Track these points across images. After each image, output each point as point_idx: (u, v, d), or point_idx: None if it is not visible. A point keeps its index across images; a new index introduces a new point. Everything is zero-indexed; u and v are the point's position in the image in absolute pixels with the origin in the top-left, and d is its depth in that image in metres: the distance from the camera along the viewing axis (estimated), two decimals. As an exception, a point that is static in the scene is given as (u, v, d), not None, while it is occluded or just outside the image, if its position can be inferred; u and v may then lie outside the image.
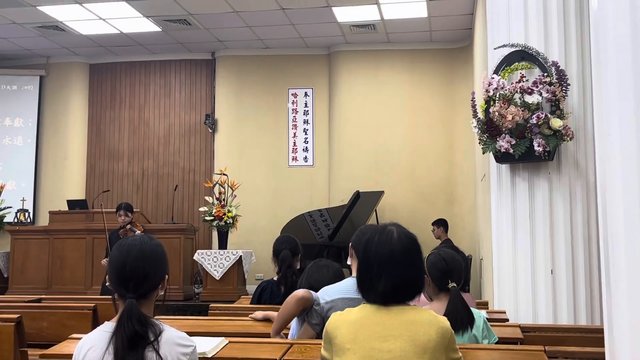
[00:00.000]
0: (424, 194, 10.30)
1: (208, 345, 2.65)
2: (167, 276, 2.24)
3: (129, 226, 7.26)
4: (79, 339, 2.43)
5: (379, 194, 9.61)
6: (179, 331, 2.19)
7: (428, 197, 10.28)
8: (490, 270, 5.21)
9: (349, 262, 3.14)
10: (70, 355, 2.30)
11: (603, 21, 1.72)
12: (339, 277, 3.38)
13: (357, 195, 9.30)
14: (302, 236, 8.26)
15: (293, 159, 10.85)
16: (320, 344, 2.39)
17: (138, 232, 7.17)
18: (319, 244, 9.23)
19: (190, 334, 2.27)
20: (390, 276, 2.19)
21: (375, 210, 9.44)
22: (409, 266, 2.23)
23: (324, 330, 2.29)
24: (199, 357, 2.25)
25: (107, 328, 2.14)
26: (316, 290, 3.16)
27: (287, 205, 10.53)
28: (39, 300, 5.22)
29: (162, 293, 2.23)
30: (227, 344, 2.78)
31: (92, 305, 4.49)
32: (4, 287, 9.61)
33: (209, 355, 2.58)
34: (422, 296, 3.15)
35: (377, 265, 2.21)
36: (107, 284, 2.19)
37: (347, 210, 9.25)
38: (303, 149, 10.85)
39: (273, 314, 3.49)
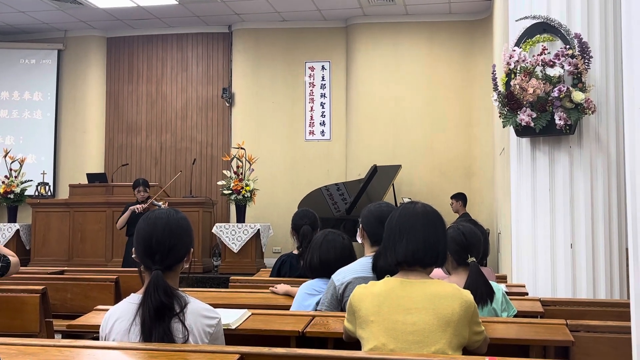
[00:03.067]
0: (441, 168, 10.26)
1: (231, 316, 2.68)
2: (192, 249, 2.26)
3: (150, 200, 7.29)
4: (104, 310, 2.47)
5: (397, 168, 9.58)
6: (203, 303, 2.22)
7: (446, 171, 10.24)
8: (509, 244, 5.20)
9: (359, 241, 3.15)
10: (97, 326, 2.33)
11: (635, -8, 1.68)
12: (348, 253, 3.40)
13: (375, 169, 9.29)
14: (319, 210, 8.24)
15: (310, 133, 10.83)
16: (343, 317, 2.41)
17: (162, 204, 7.20)
18: (335, 217, 9.26)
19: (213, 305, 2.29)
20: (412, 238, 2.28)
21: (393, 184, 9.43)
22: (430, 232, 2.29)
23: (348, 303, 2.31)
24: (223, 329, 2.28)
25: (133, 300, 2.17)
26: (326, 265, 3.27)
27: (304, 179, 10.54)
28: (61, 272, 5.29)
29: (187, 266, 2.25)
30: (249, 316, 2.81)
31: (115, 277, 4.54)
32: (26, 259, 9.74)
33: (233, 327, 2.61)
34: (440, 270, 3.15)
35: (399, 229, 2.30)
36: (133, 255, 2.22)
37: (364, 184, 9.24)
38: (320, 123, 10.82)
39: (293, 289, 3.52)
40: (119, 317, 2.17)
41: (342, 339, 2.45)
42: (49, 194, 10.55)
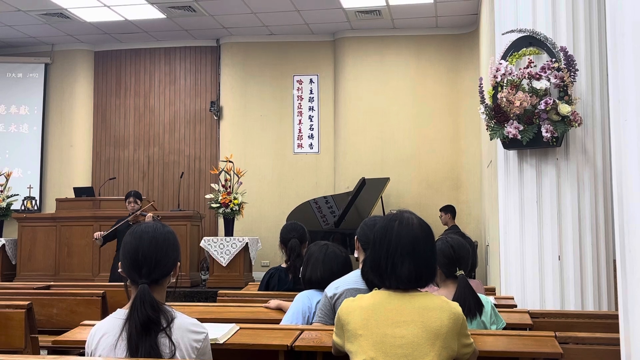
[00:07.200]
0: (429, 181, 10.28)
1: (219, 331, 2.65)
2: (179, 263, 2.24)
3: (139, 211, 7.23)
4: (90, 325, 2.44)
5: (385, 180, 9.59)
6: (191, 318, 2.20)
7: (433, 183, 10.27)
8: (497, 256, 5.20)
9: (355, 255, 3.14)
10: (83, 342, 2.30)
11: (620, 4, 1.70)
12: (349, 267, 3.38)
13: (363, 182, 9.29)
14: (308, 223, 8.25)
15: (298, 146, 10.83)
16: (332, 330, 2.40)
17: (149, 215, 7.13)
18: (324, 230, 9.24)
19: (201, 320, 2.27)
20: (414, 262, 2.21)
21: (381, 197, 9.44)
22: (429, 252, 2.24)
23: (336, 316, 2.30)
24: (210, 344, 2.26)
25: (119, 315, 2.15)
26: (329, 279, 3.16)
27: (293, 192, 10.53)
28: (47, 287, 5.23)
29: (174, 280, 2.23)
30: (238, 330, 2.78)
31: (101, 292, 4.49)
32: (12, 274, 9.65)
33: (221, 342, 2.59)
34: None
35: (400, 250, 2.22)
36: (119, 270, 2.19)
37: (352, 197, 9.24)
38: (308, 136, 10.83)
39: (286, 304, 3.49)
40: (105, 333, 2.14)
41: (331, 353, 2.43)
42: (35, 208, 10.46)
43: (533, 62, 4.36)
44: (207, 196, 9.57)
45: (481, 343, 2.55)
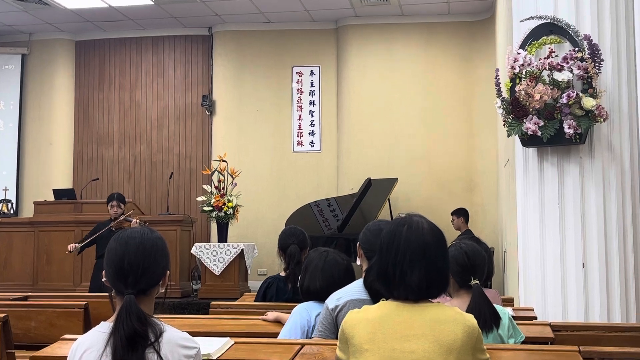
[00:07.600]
0: (441, 181, 10.28)
1: (212, 346, 2.66)
2: (168, 272, 2.25)
3: (122, 217, 7.22)
4: (72, 340, 2.44)
5: (393, 181, 9.60)
6: (181, 331, 2.20)
7: (445, 184, 10.27)
8: (516, 264, 5.21)
9: (358, 263, 3.14)
10: (64, 358, 2.31)
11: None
12: (351, 275, 3.37)
13: (369, 183, 9.29)
14: (309, 227, 8.26)
15: (298, 144, 10.84)
16: (334, 345, 2.40)
17: (135, 220, 7.12)
18: (326, 235, 9.25)
19: (192, 334, 2.27)
20: (424, 269, 2.20)
21: (389, 199, 9.44)
22: (441, 259, 2.24)
23: (340, 329, 2.30)
24: (203, 359, 2.26)
25: (103, 329, 2.15)
26: (330, 289, 3.14)
27: (292, 194, 10.54)
28: (25, 298, 5.24)
29: (163, 290, 2.23)
30: (232, 345, 2.79)
31: (84, 303, 4.50)
32: (-15, 284, 9.67)
33: (214, 357, 2.59)
34: (441, 293, 3.14)
35: (409, 257, 2.21)
36: (103, 279, 2.20)
37: (357, 199, 9.24)
38: (309, 133, 10.84)
39: (285, 316, 3.49)
40: (88, 347, 2.14)
41: (334, 370, 2.43)
42: (12, 212, 10.48)
43: (554, 52, 4.37)
44: (199, 198, 9.58)
45: (498, 358, 2.55)
